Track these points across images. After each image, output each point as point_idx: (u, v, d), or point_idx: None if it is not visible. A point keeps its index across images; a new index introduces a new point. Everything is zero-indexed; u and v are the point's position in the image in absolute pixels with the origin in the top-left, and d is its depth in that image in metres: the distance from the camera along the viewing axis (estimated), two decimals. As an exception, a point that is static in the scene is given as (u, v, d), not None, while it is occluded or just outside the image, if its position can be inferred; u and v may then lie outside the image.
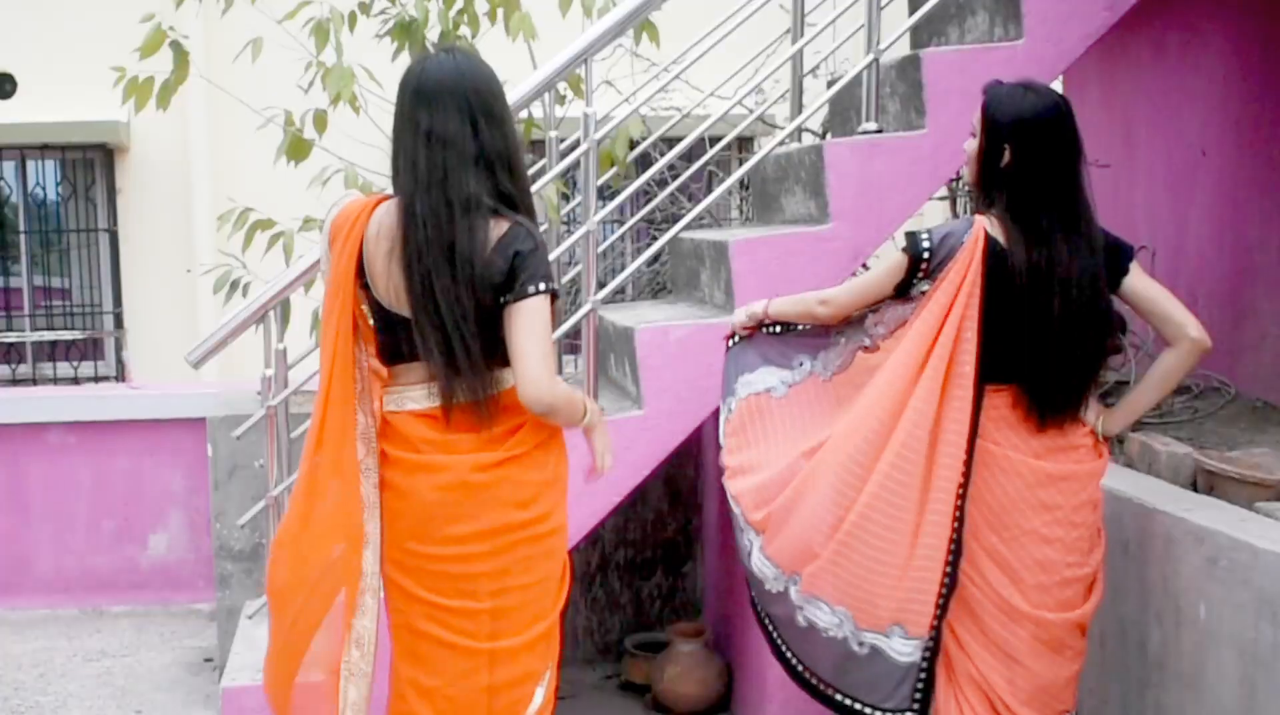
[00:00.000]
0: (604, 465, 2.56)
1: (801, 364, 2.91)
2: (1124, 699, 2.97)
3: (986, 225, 2.61)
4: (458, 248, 2.26)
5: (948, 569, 2.64)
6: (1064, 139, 2.60)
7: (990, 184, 2.65)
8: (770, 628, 2.90)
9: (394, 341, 2.39)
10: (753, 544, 2.86)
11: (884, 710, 2.73)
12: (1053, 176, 2.59)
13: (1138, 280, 2.68)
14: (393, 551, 2.45)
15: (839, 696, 2.79)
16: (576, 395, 2.47)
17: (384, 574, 2.47)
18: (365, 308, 2.42)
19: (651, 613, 4.57)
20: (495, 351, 2.33)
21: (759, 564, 2.85)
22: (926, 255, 2.63)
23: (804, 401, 2.90)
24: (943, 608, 2.67)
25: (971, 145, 2.69)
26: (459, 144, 2.28)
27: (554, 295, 2.32)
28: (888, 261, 2.72)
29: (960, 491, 2.62)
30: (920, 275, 2.65)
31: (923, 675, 2.69)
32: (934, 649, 2.69)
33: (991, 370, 2.64)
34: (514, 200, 2.33)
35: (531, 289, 2.28)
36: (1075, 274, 2.58)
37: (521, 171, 2.38)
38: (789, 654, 2.86)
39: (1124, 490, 2.97)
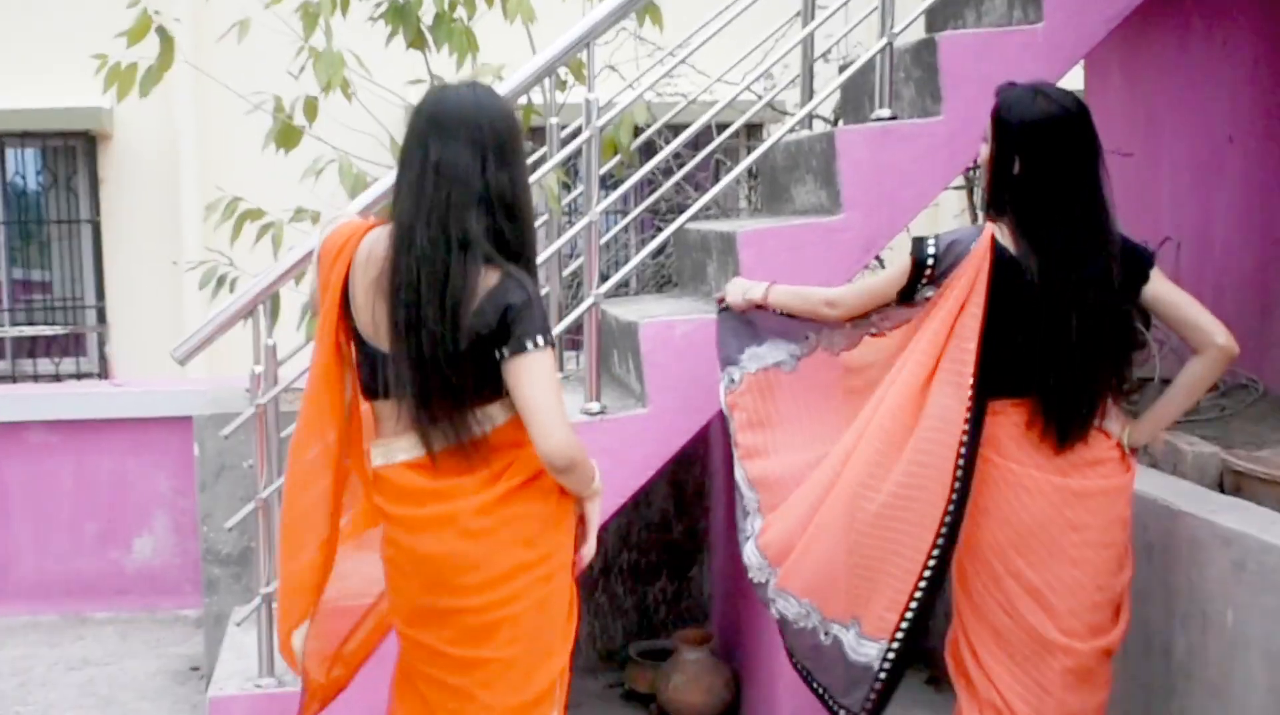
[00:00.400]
0: (591, 547, 2.51)
1: (808, 337, 2.93)
2: (1148, 707, 2.93)
3: (996, 233, 2.58)
4: (449, 285, 2.22)
5: (921, 582, 2.61)
6: (1076, 144, 2.55)
7: (1001, 190, 2.61)
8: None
9: (371, 375, 2.36)
10: (753, 532, 2.90)
11: (842, 708, 2.77)
12: (1065, 183, 2.54)
13: (1159, 286, 2.63)
14: (406, 609, 2.42)
15: (814, 684, 2.85)
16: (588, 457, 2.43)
17: (397, 629, 2.48)
18: (348, 337, 2.41)
19: (656, 619, 4.54)
20: (479, 390, 2.28)
21: (750, 553, 2.90)
22: (931, 262, 2.62)
23: (814, 380, 2.90)
24: (911, 621, 2.64)
25: (985, 151, 2.65)
26: (466, 180, 2.24)
27: (552, 346, 2.30)
28: (892, 266, 2.71)
29: (948, 507, 2.58)
30: (924, 281, 2.64)
31: (878, 684, 2.69)
32: (897, 662, 2.67)
33: (1005, 384, 2.60)
34: (509, 245, 2.28)
35: (529, 344, 2.24)
36: (1089, 283, 2.54)
37: (525, 216, 2.34)
38: (785, 643, 2.93)
39: (1148, 491, 2.93)
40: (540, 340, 2.24)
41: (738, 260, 3.41)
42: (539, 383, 2.24)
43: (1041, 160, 2.53)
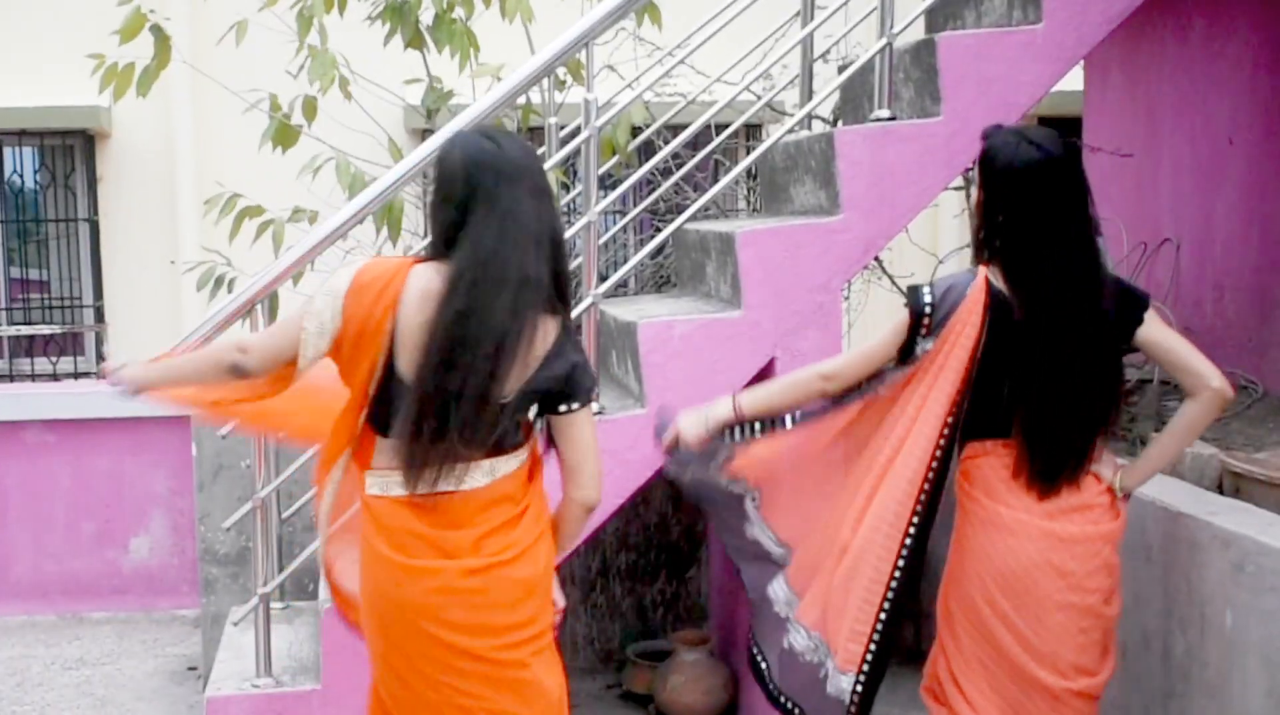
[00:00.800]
0: (561, 600, 2.55)
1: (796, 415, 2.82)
2: (1146, 710, 2.94)
3: (990, 276, 2.57)
4: (494, 325, 2.23)
5: (882, 612, 2.62)
6: (1061, 189, 2.54)
7: (992, 234, 2.60)
8: (758, 656, 2.90)
9: (392, 411, 2.32)
10: (780, 570, 2.84)
11: None
12: (1051, 227, 2.54)
13: (1153, 330, 2.62)
14: (390, 652, 2.41)
15: None
16: None
17: (379, 652, 2.45)
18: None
19: (654, 620, 4.51)
20: (488, 441, 2.30)
21: (778, 587, 2.84)
22: (929, 310, 2.59)
23: (819, 426, 2.80)
24: (875, 654, 2.63)
25: (974, 195, 2.67)
26: (529, 224, 2.29)
27: None
28: (890, 324, 2.67)
29: (905, 541, 2.58)
30: (923, 332, 2.60)
31: None
32: (865, 696, 2.67)
33: (994, 425, 2.60)
34: (561, 287, 2.36)
35: (592, 396, 2.38)
36: (1078, 326, 2.53)
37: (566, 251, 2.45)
38: (770, 682, 2.88)
39: (1147, 493, 2.93)
40: (597, 391, 2.38)
41: (736, 260, 3.39)
42: (593, 433, 2.39)
43: (1027, 205, 2.53)
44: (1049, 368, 2.53)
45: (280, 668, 3.24)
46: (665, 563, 4.50)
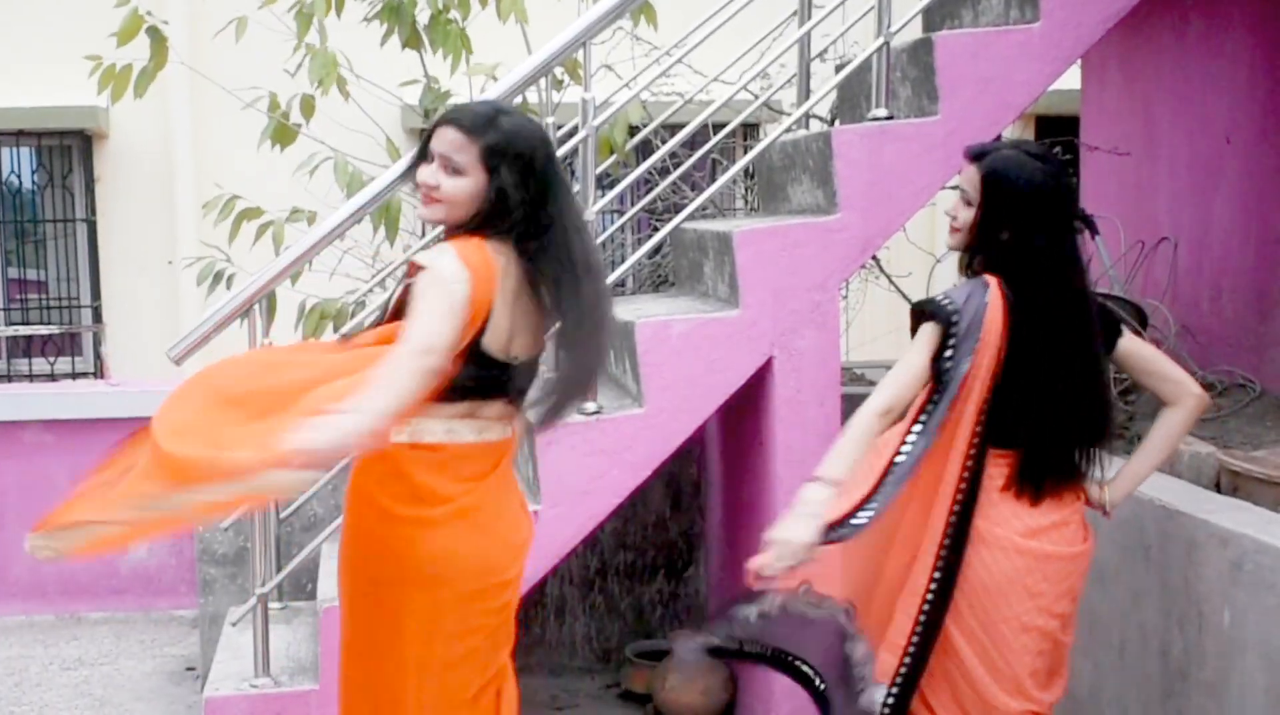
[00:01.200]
0: None
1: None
2: (1145, 708, 2.93)
3: (998, 284, 2.56)
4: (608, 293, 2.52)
5: (917, 626, 2.60)
6: (1063, 208, 2.56)
7: (991, 253, 2.59)
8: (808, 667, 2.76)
9: (481, 381, 2.37)
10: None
11: None
12: (1053, 242, 2.54)
13: (1131, 343, 2.66)
14: (356, 598, 2.50)
15: None
16: None
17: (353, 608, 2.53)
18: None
19: (653, 619, 4.51)
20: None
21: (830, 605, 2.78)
22: (955, 318, 2.54)
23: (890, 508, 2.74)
24: (910, 665, 2.61)
25: (966, 214, 2.60)
26: None
27: None
28: (917, 339, 2.61)
29: (939, 556, 2.57)
30: (952, 339, 2.55)
31: None
32: (896, 709, 2.64)
33: (995, 433, 2.58)
34: None
35: None
36: (1079, 337, 2.55)
37: None
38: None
39: (1145, 492, 2.92)
40: None
41: (734, 260, 3.38)
42: None
43: (1035, 223, 2.52)
44: (1056, 377, 2.53)
45: (278, 668, 3.23)
46: (663, 562, 4.50)
